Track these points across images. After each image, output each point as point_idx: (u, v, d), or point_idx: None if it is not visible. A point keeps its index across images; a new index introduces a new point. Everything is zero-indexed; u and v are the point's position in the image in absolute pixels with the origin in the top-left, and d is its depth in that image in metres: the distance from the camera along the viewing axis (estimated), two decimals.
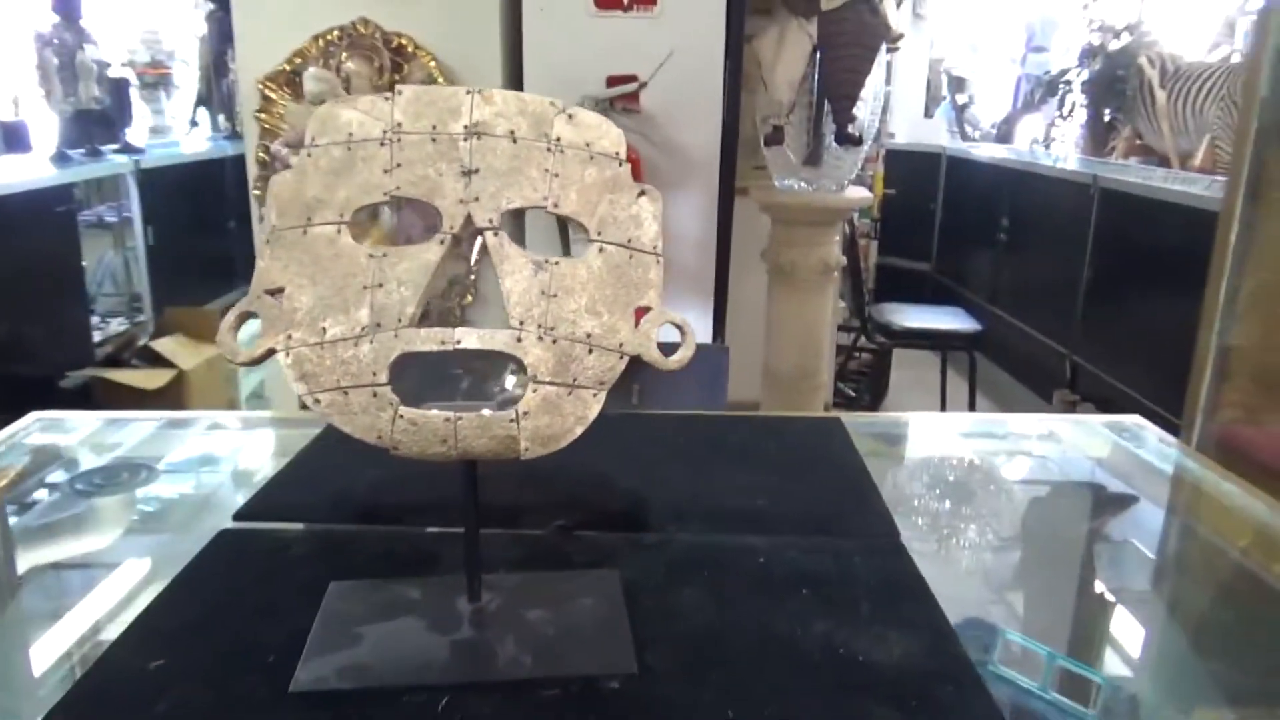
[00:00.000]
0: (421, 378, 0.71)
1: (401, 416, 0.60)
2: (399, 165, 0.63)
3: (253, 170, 2.41)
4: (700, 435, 1.10)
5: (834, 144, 2.60)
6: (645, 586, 0.76)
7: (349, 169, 0.63)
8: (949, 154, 5.16)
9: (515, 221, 2.30)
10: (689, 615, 0.73)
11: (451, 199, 0.62)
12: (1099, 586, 0.95)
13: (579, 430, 0.63)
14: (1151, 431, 1.12)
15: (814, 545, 0.84)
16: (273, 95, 2.32)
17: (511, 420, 0.61)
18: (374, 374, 0.61)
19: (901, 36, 2.61)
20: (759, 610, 0.74)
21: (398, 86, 0.63)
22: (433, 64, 2.16)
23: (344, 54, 2.18)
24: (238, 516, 0.89)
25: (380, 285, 0.61)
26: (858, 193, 2.75)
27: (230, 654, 0.67)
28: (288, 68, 2.29)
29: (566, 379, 0.62)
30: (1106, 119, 4.55)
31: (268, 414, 1.72)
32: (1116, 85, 4.50)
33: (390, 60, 2.17)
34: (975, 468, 1.13)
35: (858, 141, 2.58)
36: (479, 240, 0.62)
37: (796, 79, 2.56)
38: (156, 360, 3.50)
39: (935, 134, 5.48)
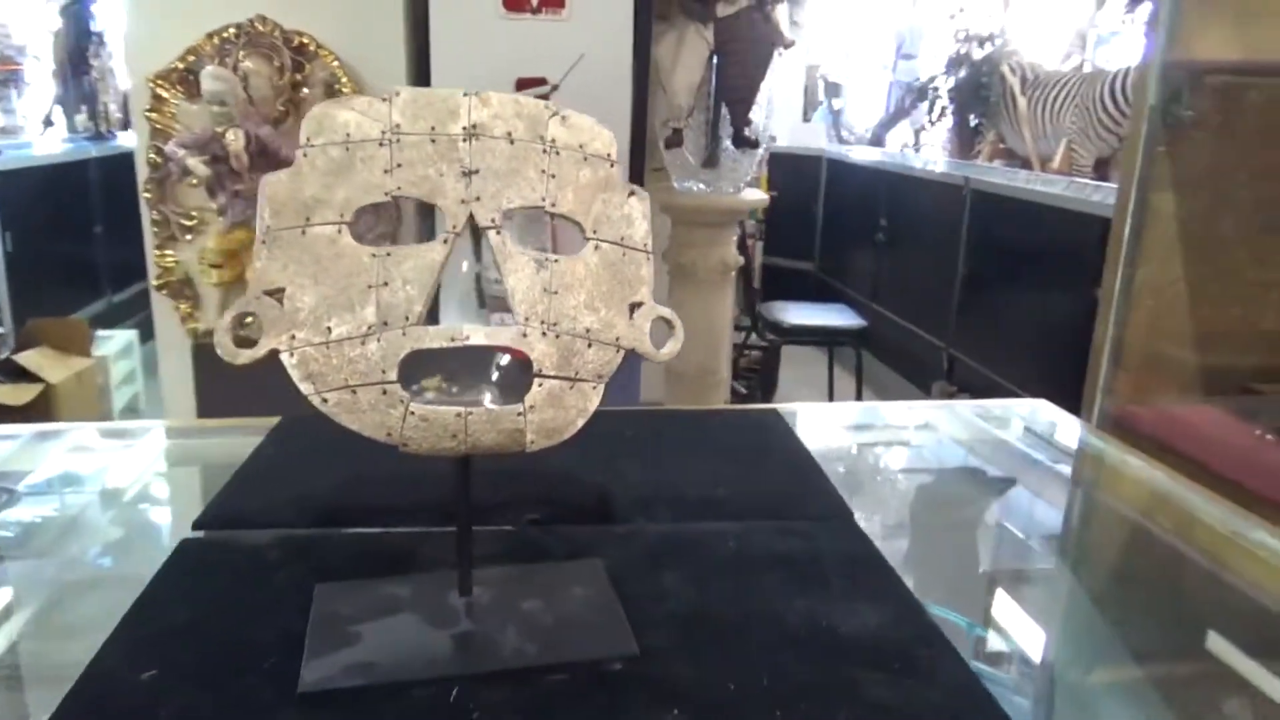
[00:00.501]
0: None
1: (413, 413, 0.61)
2: (399, 165, 0.63)
3: (143, 171, 2.30)
4: (648, 430, 1.13)
5: (731, 147, 2.68)
6: (627, 574, 0.79)
7: (348, 169, 0.63)
8: (828, 157, 5.35)
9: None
10: (674, 598, 0.76)
11: (453, 199, 0.63)
12: (1015, 557, 1.03)
13: (580, 422, 0.66)
14: (1057, 414, 1.21)
15: (778, 528, 0.88)
16: (165, 94, 2.22)
17: (519, 414, 0.63)
18: (383, 371, 0.61)
19: (794, 44, 2.71)
20: (739, 590, 0.77)
21: (395, 88, 0.64)
22: (335, 64, 2.12)
23: (241, 52, 2.12)
24: (198, 525, 0.87)
25: (385, 284, 0.62)
26: (754, 194, 2.84)
27: (224, 659, 0.67)
28: (180, 66, 2.21)
29: (569, 373, 0.64)
30: (972, 124, 4.81)
31: (157, 423, 1.65)
32: (981, 92, 4.75)
33: (291, 60, 2.12)
34: (887, 454, 1.20)
35: (754, 144, 2.67)
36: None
37: (695, 83, 2.62)
38: (20, 375, 3.30)
39: (813, 137, 5.66)
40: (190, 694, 0.63)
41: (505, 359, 0.74)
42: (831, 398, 4.05)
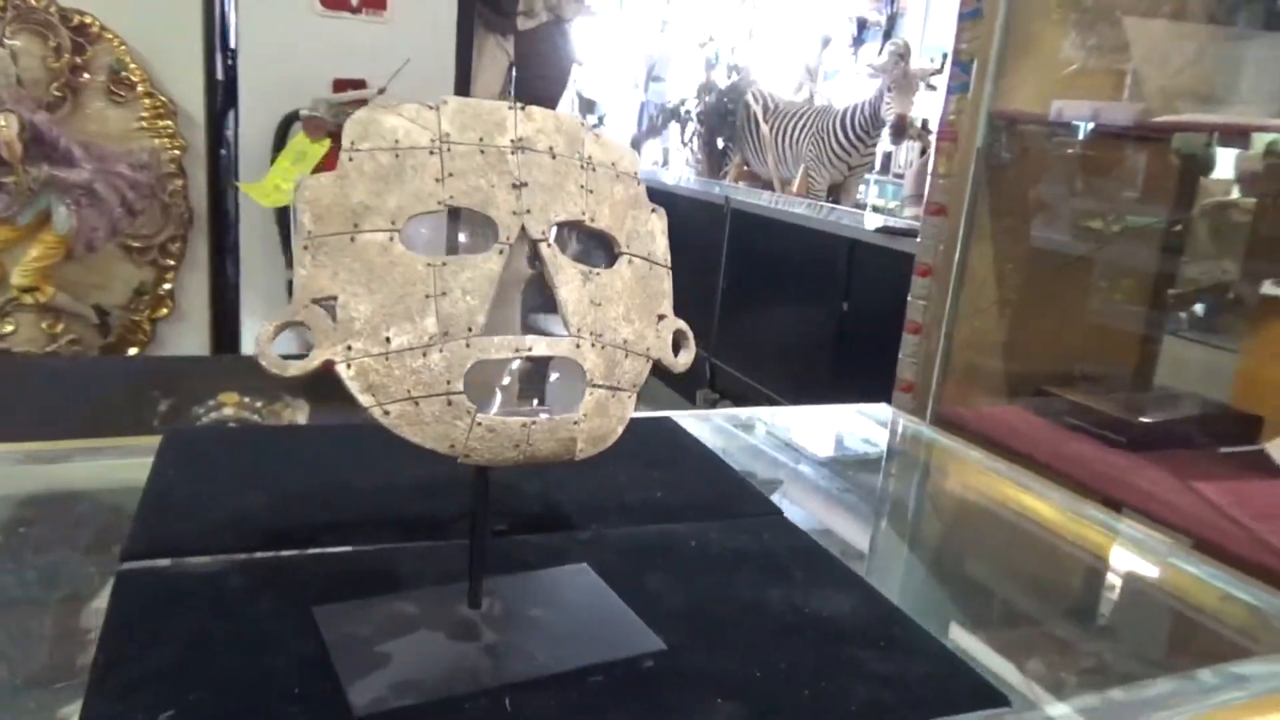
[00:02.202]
0: None
1: (479, 424, 0.61)
2: (450, 175, 0.63)
3: None
4: None
5: None
6: (610, 578, 0.81)
7: (398, 176, 0.62)
8: None
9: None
10: (665, 597, 0.80)
11: (505, 210, 0.64)
12: (886, 541, 1.16)
13: (619, 430, 0.68)
14: (902, 413, 1.36)
15: (726, 527, 0.94)
16: None
17: (575, 423, 0.64)
18: (448, 383, 0.61)
19: (585, 63, 2.79)
20: (720, 586, 0.82)
21: (442, 97, 0.64)
22: (122, 48, 1.92)
23: (8, 28, 1.86)
24: (128, 556, 0.79)
25: (444, 294, 0.61)
26: None
27: (245, 693, 0.63)
28: None
29: (613, 382, 0.67)
30: (720, 146, 5.13)
31: None
32: (728, 117, 5.09)
33: (70, 40, 1.88)
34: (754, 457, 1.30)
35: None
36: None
37: (495, 94, 2.63)
38: None
39: None
40: None
41: (516, 365, 0.74)
42: None
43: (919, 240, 2.54)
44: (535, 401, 0.67)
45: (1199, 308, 1.90)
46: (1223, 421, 1.47)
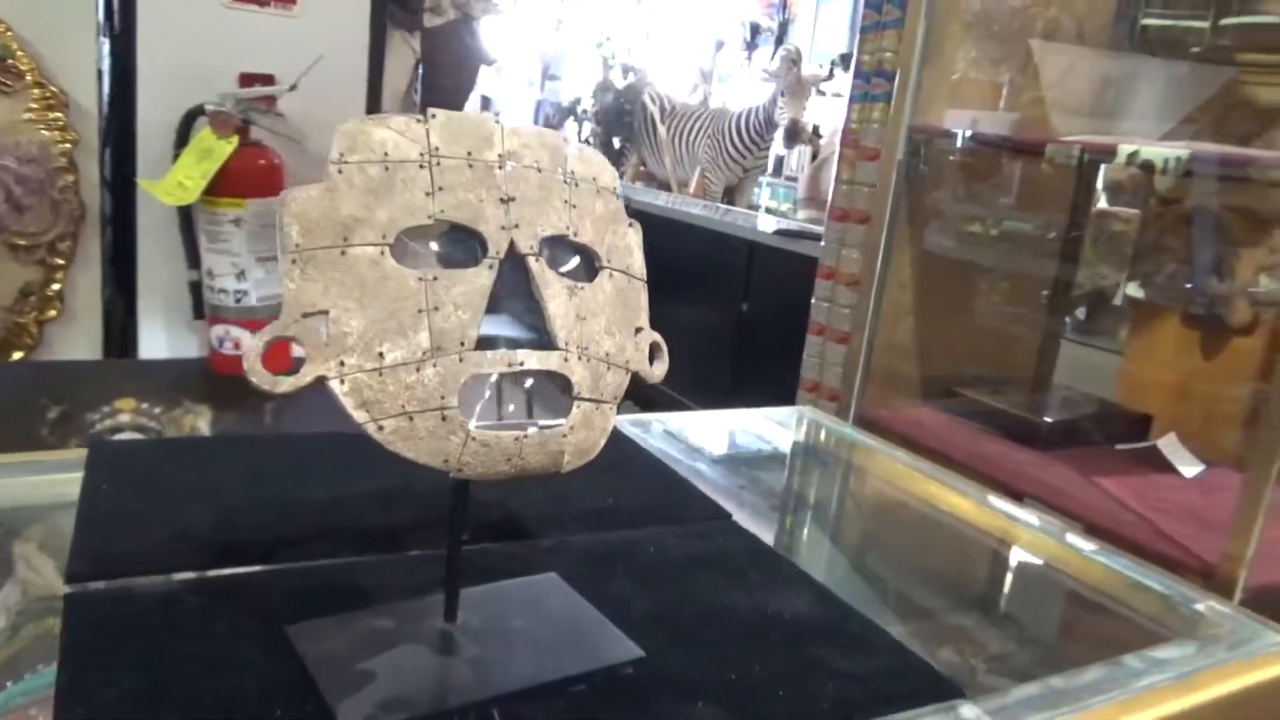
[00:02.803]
0: None
1: (474, 439, 0.61)
2: (440, 189, 0.62)
3: None
4: None
5: None
6: (577, 585, 0.82)
7: (388, 189, 0.61)
8: None
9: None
10: (633, 604, 0.81)
11: (494, 225, 0.64)
12: (822, 540, 1.20)
13: (602, 442, 0.69)
14: (825, 415, 1.41)
15: (680, 533, 0.95)
16: None
17: (565, 435, 0.65)
18: (442, 398, 0.60)
19: (496, 61, 2.77)
20: (684, 591, 0.84)
21: (430, 110, 0.63)
22: (9, 34, 1.80)
23: None
24: (73, 578, 0.76)
25: (436, 309, 0.61)
26: None
27: (225, 715, 0.61)
28: None
29: (598, 395, 0.67)
30: (617, 146, 5.15)
31: None
32: (625, 118, 5.11)
33: None
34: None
35: None
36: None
37: (401, 91, 2.58)
38: None
39: None
40: None
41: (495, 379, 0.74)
42: None
43: (822, 244, 2.62)
44: (525, 414, 0.68)
45: (1081, 312, 2.03)
46: (1117, 420, 1.57)
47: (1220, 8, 1.73)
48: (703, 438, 1.35)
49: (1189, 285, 1.75)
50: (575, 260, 0.69)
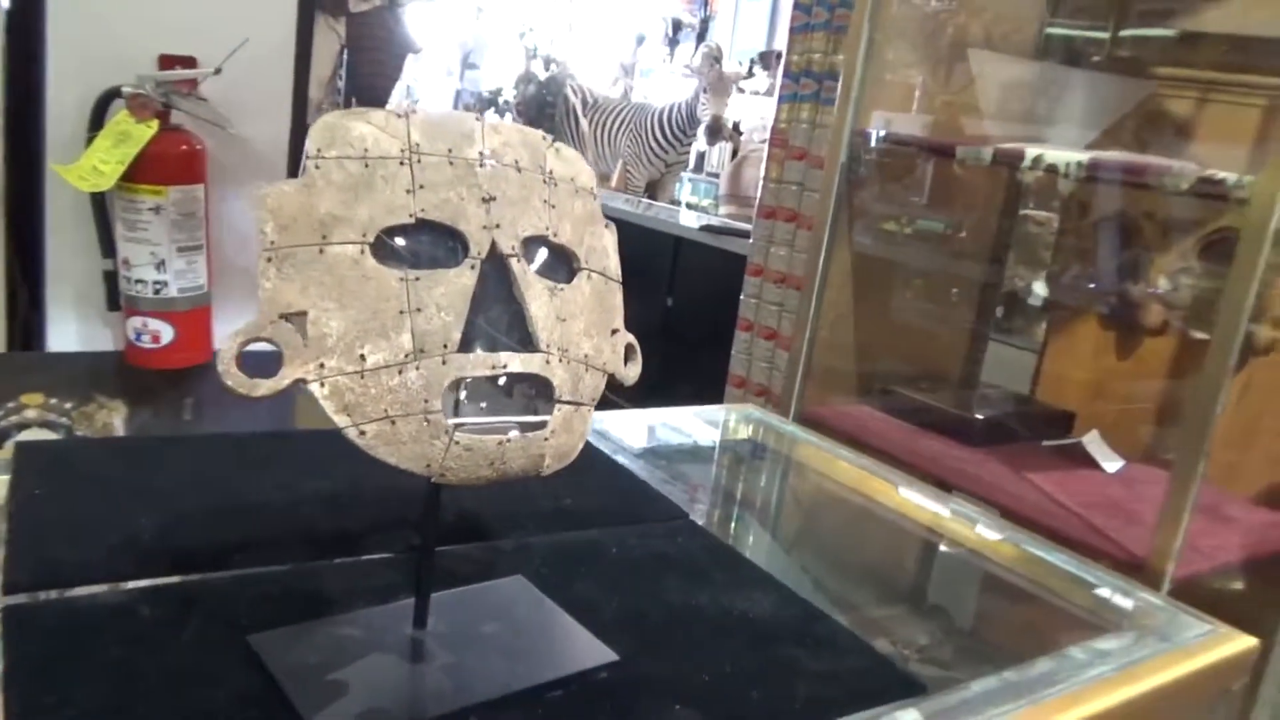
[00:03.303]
0: None
1: (457, 443, 0.60)
2: (421, 187, 0.61)
3: None
4: None
5: None
6: (543, 587, 0.81)
7: (368, 187, 0.59)
8: None
9: None
10: (600, 606, 0.80)
11: (475, 224, 0.62)
12: (778, 539, 1.21)
13: (580, 445, 0.68)
14: (769, 413, 1.42)
15: (640, 533, 0.95)
16: None
17: (546, 439, 0.64)
18: (425, 401, 0.59)
19: (422, 50, 2.72)
20: (650, 592, 0.84)
21: (408, 105, 0.61)
22: None
23: None
24: (11, 588, 0.71)
25: (419, 310, 0.59)
26: None
27: None
28: None
29: (577, 397, 0.67)
30: None
31: None
32: (546, 109, 5.08)
33: None
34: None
35: None
36: None
37: (325, 78, 2.51)
38: None
39: None
40: None
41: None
42: None
43: (750, 241, 2.65)
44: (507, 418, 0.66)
45: (1000, 311, 2.10)
46: (1041, 417, 1.63)
47: (1120, 19, 1.81)
48: (640, 437, 1.34)
49: (1093, 286, 1.82)
50: (554, 261, 0.68)
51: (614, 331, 0.72)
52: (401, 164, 0.61)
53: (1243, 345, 1.12)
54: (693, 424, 1.46)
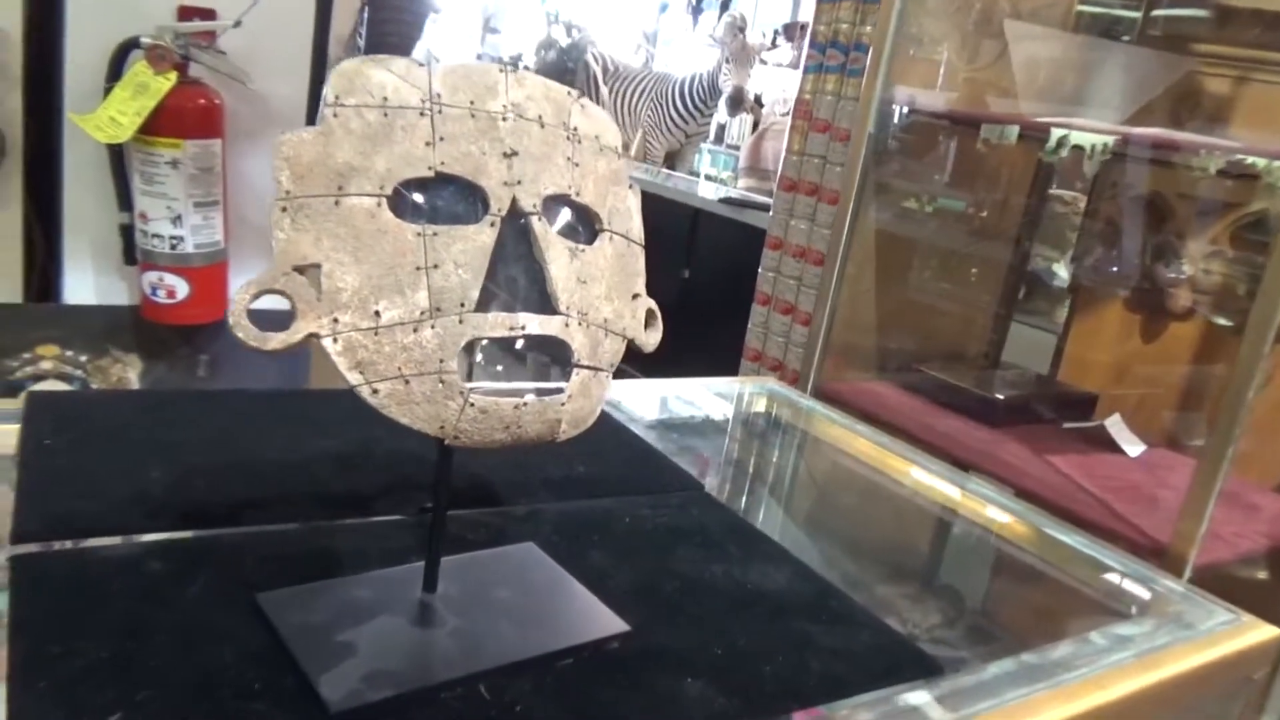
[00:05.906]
0: None
1: (472, 405, 0.58)
2: (441, 139, 0.59)
3: None
4: None
5: None
6: (554, 555, 0.80)
7: (387, 137, 0.57)
8: None
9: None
10: (612, 575, 0.79)
11: (496, 180, 0.60)
12: (793, 514, 1.20)
13: (598, 411, 0.66)
14: (787, 388, 1.40)
15: (653, 503, 0.94)
16: None
17: (562, 404, 0.62)
18: (440, 361, 0.57)
19: (441, 11, 2.68)
20: (663, 563, 0.83)
21: (430, 54, 0.59)
22: None
23: None
24: (20, 537, 0.71)
25: (436, 267, 0.58)
26: None
27: (200, 688, 0.58)
28: None
29: (596, 362, 0.65)
30: None
31: None
32: (567, 76, 5.02)
33: None
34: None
35: None
36: None
37: (344, 34, 2.48)
38: None
39: None
40: None
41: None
42: None
43: (770, 214, 2.61)
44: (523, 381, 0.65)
45: (1022, 291, 2.07)
46: (1063, 399, 1.60)
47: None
48: (653, 408, 1.33)
49: (1118, 269, 1.79)
50: (575, 222, 0.66)
51: (635, 296, 0.70)
52: (422, 115, 0.59)
53: None
54: (707, 396, 1.44)
